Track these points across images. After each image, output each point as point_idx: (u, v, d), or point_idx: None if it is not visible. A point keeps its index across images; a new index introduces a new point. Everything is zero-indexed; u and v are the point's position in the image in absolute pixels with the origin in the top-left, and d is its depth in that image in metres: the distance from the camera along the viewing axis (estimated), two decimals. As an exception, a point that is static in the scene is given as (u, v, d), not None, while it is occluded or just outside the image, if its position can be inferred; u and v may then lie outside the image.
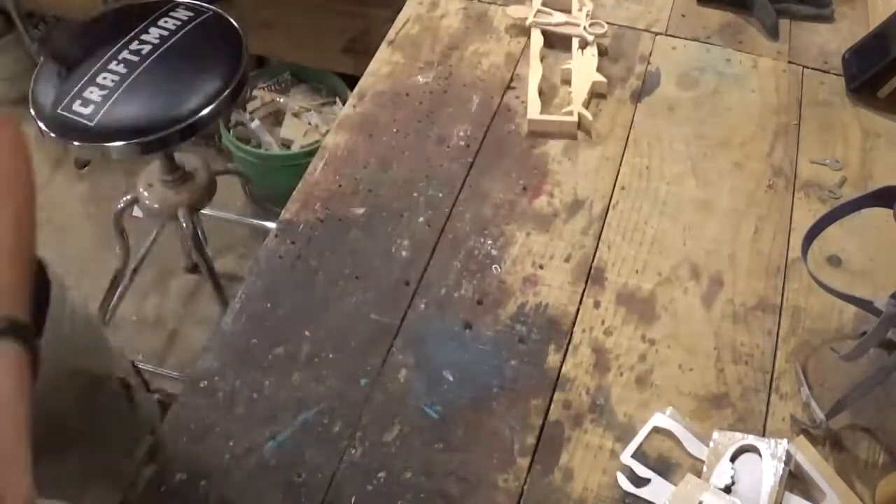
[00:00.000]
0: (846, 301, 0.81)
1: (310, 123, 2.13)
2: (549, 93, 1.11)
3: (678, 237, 0.97)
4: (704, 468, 0.77)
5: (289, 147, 2.11)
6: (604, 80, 1.10)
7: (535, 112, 1.07)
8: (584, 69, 1.11)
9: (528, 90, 1.09)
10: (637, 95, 1.12)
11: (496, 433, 0.82)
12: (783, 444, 0.76)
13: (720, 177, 1.03)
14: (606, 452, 0.81)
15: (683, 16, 1.23)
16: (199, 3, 1.49)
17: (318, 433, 0.82)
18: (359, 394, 0.85)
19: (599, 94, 1.11)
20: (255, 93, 2.17)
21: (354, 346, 0.88)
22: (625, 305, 0.92)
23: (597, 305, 0.92)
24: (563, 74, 1.12)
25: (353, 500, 0.76)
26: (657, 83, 1.13)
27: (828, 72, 1.16)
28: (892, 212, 0.78)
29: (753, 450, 0.77)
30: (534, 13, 1.16)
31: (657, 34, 1.20)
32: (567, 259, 0.96)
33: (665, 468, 0.79)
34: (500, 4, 1.22)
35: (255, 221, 2.15)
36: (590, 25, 1.15)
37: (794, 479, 0.78)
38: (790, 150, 1.06)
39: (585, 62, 1.12)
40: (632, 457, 0.79)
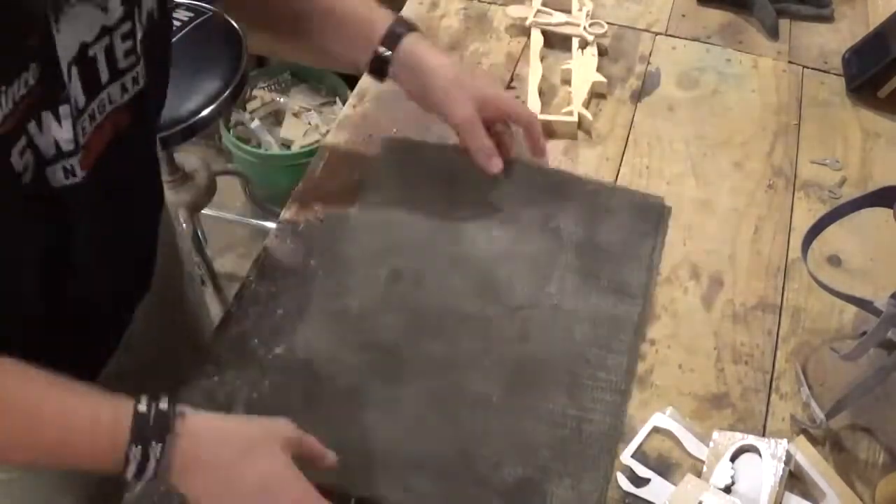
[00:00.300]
0: (846, 301, 0.81)
1: (310, 123, 2.13)
2: (549, 93, 1.11)
3: (678, 237, 0.97)
4: (704, 468, 0.77)
5: (289, 147, 2.11)
6: (604, 80, 1.10)
7: (535, 112, 1.07)
8: (584, 69, 1.11)
9: (528, 90, 1.09)
10: (637, 95, 1.12)
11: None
12: (783, 444, 0.76)
13: (720, 177, 1.03)
14: (606, 452, 0.81)
15: (683, 16, 1.23)
16: (199, 4, 1.49)
17: (318, 433, 0.82)
18: (359, 394, 0.85)
19: (599, 94, 1.11)
20: (255, 93, 2.17)
21: (354, 346, 0.88)
22: (625, 305, 0.92)
23: (597, 305, 0.92)
24: (563, 74, 1.12)
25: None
26: (657, 83, 1.13)
27: (828, 72, 1.16)
28: (892, 212, 0.78)
29: (753, 450, 0.77)
30: (534, 13, 1.16)
31: (657, 34, 1.20)
32: (567, 259, 0.96)
33: (665, 468, 0.79)
34: (500, 4, 1.22)
35: (255, 221, 2.16)
36: (590, 25, 1.15)
37: (794, 479, 0.78)
38: (790, 150, 1.06)
39: (585, 62, 1.12)
40: (632, 457, 0.79)
